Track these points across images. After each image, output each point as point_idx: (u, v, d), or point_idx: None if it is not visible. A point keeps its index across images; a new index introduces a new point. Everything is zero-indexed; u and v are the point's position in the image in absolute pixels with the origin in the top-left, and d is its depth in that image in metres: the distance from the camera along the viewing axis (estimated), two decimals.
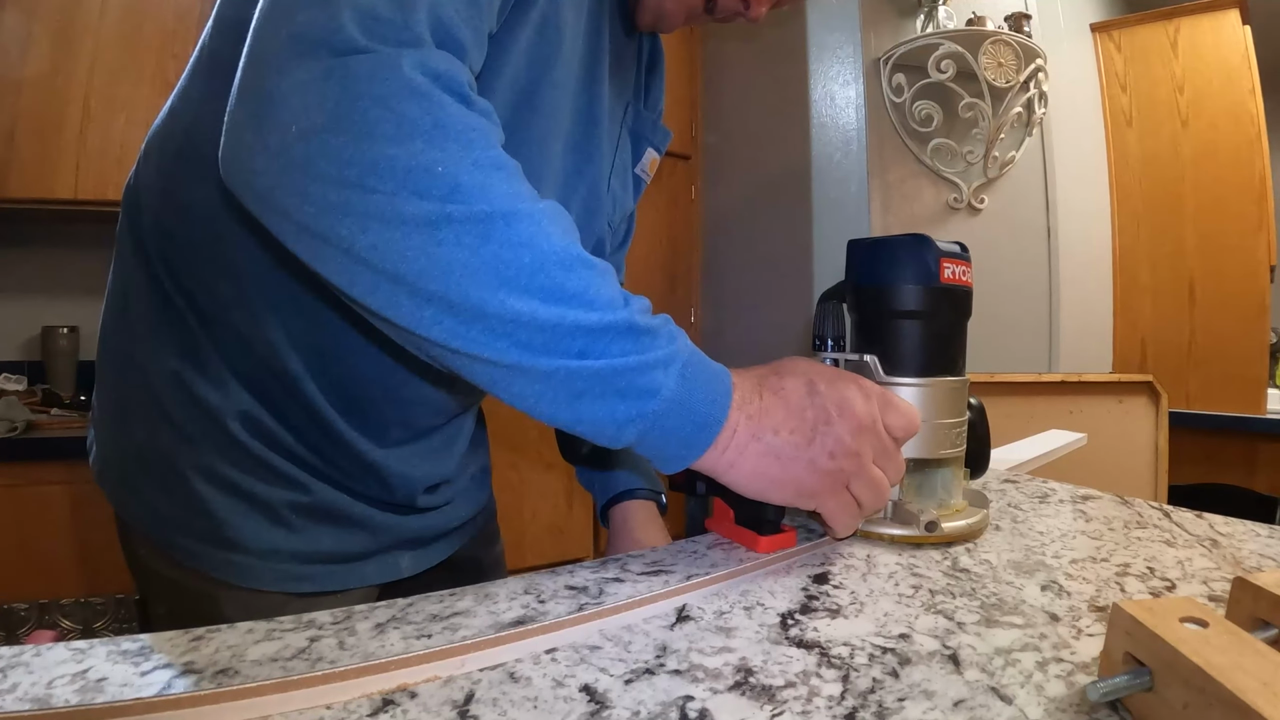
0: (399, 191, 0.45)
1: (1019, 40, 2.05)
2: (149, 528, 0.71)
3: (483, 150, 0.48)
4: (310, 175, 0.45)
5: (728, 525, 0.66)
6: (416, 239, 0.45)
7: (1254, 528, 0.75)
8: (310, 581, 0.72)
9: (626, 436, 0.51)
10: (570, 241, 0.49)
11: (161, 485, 0.69)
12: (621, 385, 0.49)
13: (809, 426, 0.56)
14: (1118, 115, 2.75)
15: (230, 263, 0.67)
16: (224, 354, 0.69)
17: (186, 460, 0.68)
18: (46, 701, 0.36)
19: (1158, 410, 2.29)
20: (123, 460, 0.73)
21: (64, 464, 1.67)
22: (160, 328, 0.70)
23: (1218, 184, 2.56)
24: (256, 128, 0.46)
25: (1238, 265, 2.53)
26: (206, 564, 0.68)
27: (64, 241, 2.26)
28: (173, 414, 0.69)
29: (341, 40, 0.45)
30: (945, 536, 0.66)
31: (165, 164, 0.70)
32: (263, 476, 0.69)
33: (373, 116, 0.45)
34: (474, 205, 0.46)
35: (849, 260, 0.70)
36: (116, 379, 0.74)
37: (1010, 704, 0.39)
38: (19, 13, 1.86)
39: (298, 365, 0.68)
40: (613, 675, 0.42)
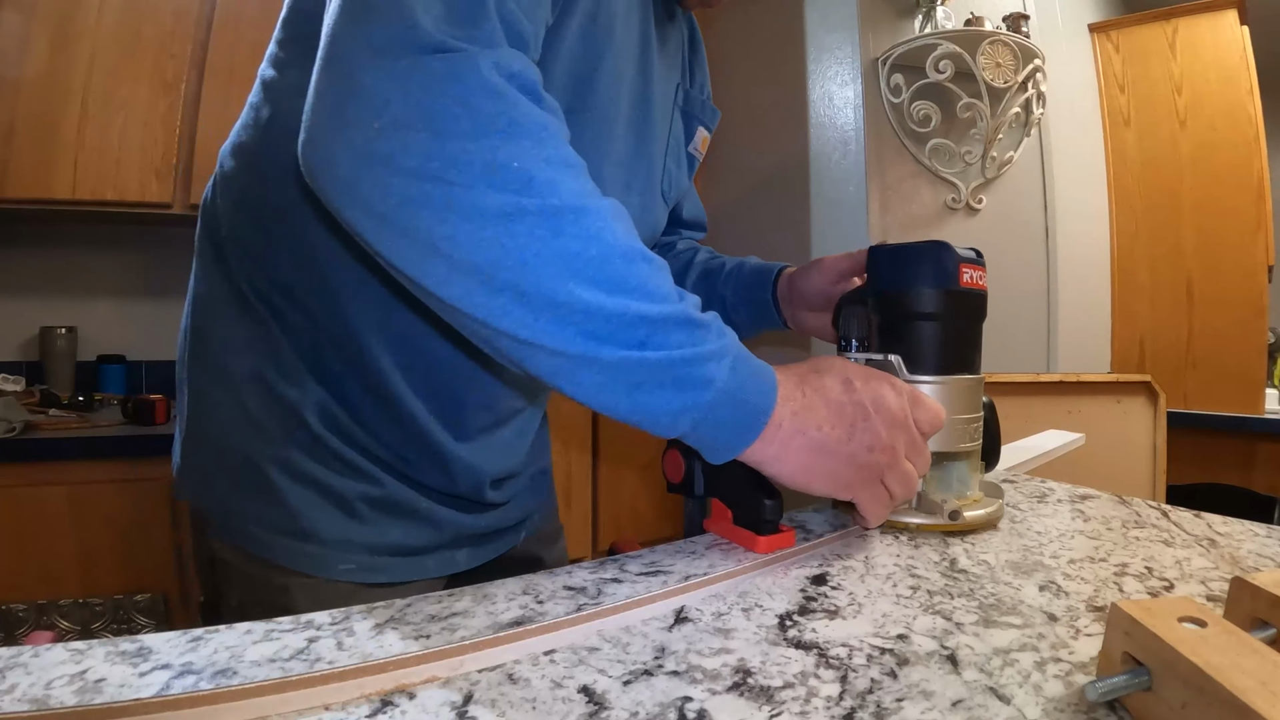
0: (476, 185, 0.47)
1: (1017, 41, 2.05)
2: (225, 520, 0.74)
3: (554, 148, 0.50)
4: (391, 169, 0.47)
5: (726, 526, 0.66)
6: (491, 230, 0.47)
7: (1252, 527, 0.75)
8: (377, 572, 0.75)
9: (681, 425, 0.53)
10: (632, 237, 0.52)
11: (239, 479, 0.72)
12: (678, 375, 0.51)
13: (848, 422, 0.59)
14: (1116, 115, 2.75)
15: (315, 263, 0.70)
16: (302, 354, 0.72)
17: (265, 455, 0.72)
18: (45, 702, 0.36)
19: (1156, 410, 2.29)
20: (202, 456, 0.76)
21: (62, 464, 1.67)
22: (241, 331, 0.74)
23: (1216, 184, 2.56)
24: (339, 123, 0.48)
25: (1236, 265, 2.53)
26: (280, 555, 0.71)
27: (62, 242, 2.26)
28: (252, 410, 0.72)
29: (421, 40, 0.47)
30: (967, 524, 0.70)
31: (242, 175, 0.75)
32: (337, 470, 0.73)
33: (452, 114, 0.47)
34: (546, 199, 0.48)
35: (870, 265, 0.75)
36: (197, 380, 0.77)
37: (1008, 704, 0.39)
38: (17, 13, 1.86)
39: (383, 360, 0.72)
40: (611, 676, 0.42)
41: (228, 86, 2.05)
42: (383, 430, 0.74)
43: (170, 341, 2.44)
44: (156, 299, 2.39)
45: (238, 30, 2.06)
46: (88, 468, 1.69)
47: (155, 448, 1.77)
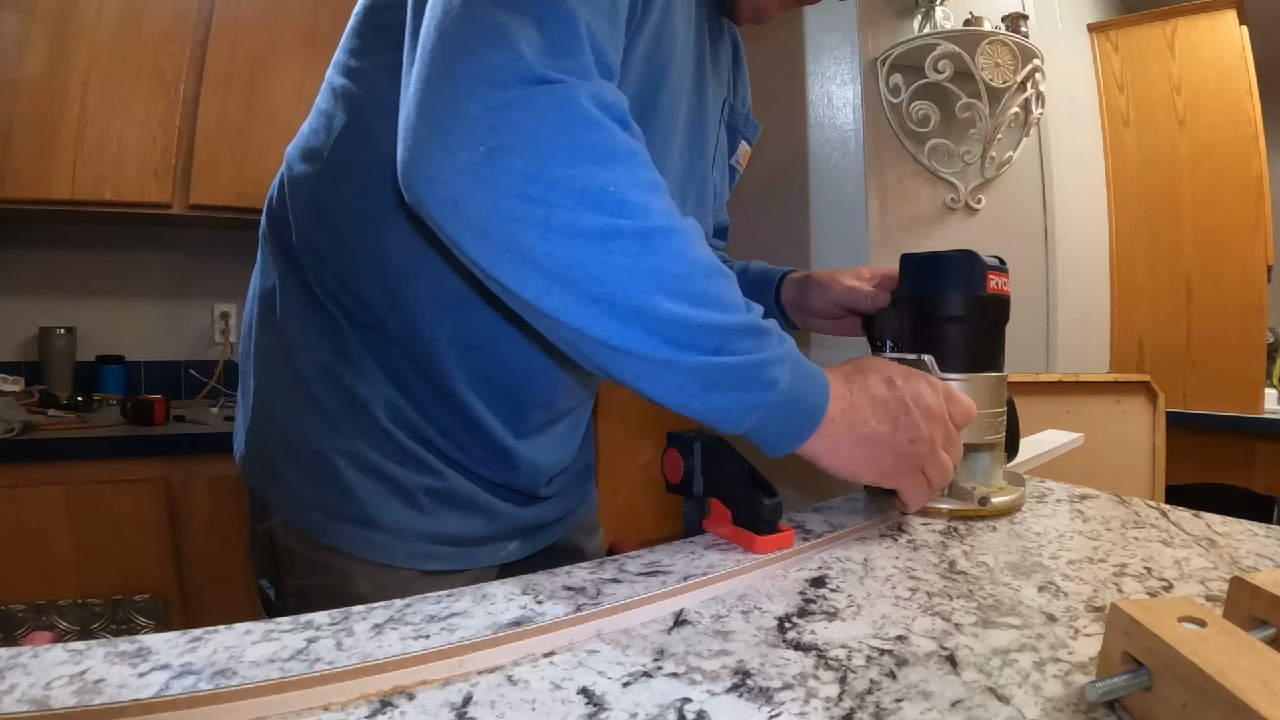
0: (576, 207, 0.51)
1: (1016, 41, 2.05)
2: (291, 508, 0.77)
3: (644, 173, 0.55)
4: (498, 189, 0.51)
5: (725, 526, 0.66)
6: (589, 248, 0.52)
7: (1251, 527, 0.75)
8: (436, 560, 0.78)
9: (747, 423, 0.58)
10: (709, 253, 0.57)
11: (306, 468, 0.76)
12: (748, 378, 0.56)
13: (892, 417, 0.65)
14: (1115, 115, 2.76)
15: (388, 270, 0.74)
16: (372, 351, 0.76)
17: (332, 445, 0.75)
18: (44, 703, 0.36)
19: (1155, 410, 2.29)
20: (267, 446, 0.79)
21: (61, 465, 1.67)
22: (311, 328, 0.77)
23: (1215, 184, 2.56)
24: (444, 146, 0.52)
25: (1235, 265, 2.53)
26: (345, 541, 0.75)
27: (61, 242, 2.26)
28: (322, 403, 0.76)
29: (526, 72, 0.51)
30: (995, 509, 0.77)
31: (315, 180, 0.77)
32: (402, 462, 0.76)
33: (554, 141, 0.51)
34: (639, 221, 0.52)
35: (903, 272, 0.81)
36: (265, 373, 0.81)
37: (1008, 704, 0.39)
38: (15, 13, 1.85)
39: (450, 364, 0.76)
40: (610, 678, 0.42)
41: (226, 87, 2.05)
42: (447, 426, 0.78)
43: (168, 341, 2.43)
44: (155, 299, 2.39)
45: (236, 30, 2.06)
46: (87, 468, 1.69)
47: (154, 448, 1.77)
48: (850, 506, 0.79)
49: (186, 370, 2.42)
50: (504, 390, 0.79)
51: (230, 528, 1.84)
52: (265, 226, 0.84)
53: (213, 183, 2.03)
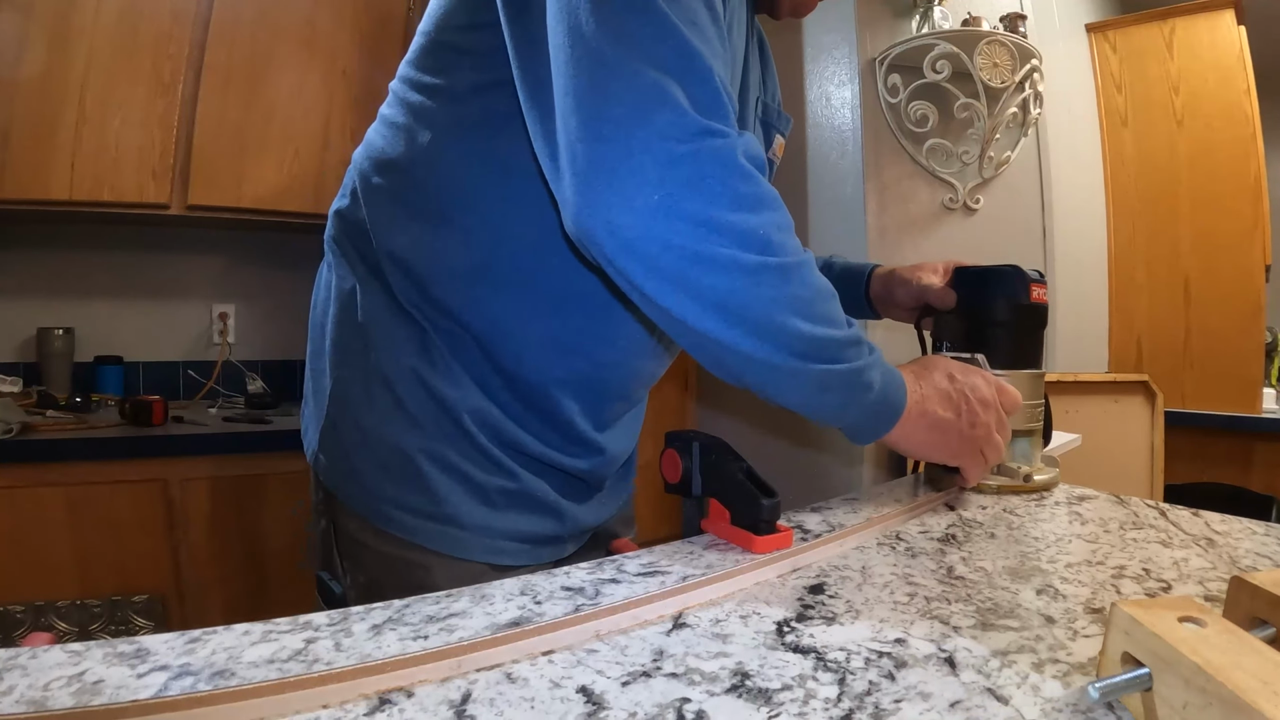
0: (734, 247, 0.60)
1: (1014, 41, 2.05)
2: (367, 505, 0.81)
3: (782, 216, 0.65)
4: (672, 230, 0.59)
5: (724, 526, 0.66)
6: (744, 281, 0.61)
7: (1250, 525, 0.75)
8: (507, 556, 0.83)
9: (846, 418, 0.71)
10: (824, 279, 0.68)
11: (387, 466, 0.80)
12: (852, 382, 0.68)
13: (955, 406, 0.77)
14: (1113, 115, 2.76)
15: (479, 279, 0.79)
16: (457, 355, 0.81)
17: (416, 445, 0.79)
18: (43, 704, 0.36)
19: (1153, 410, 2.29)
20: (345, 444, 0.83)
21: (60, 466, 1.67)
22: (397, 332, 0.81)
23: (1213, 184, 2.56)
24: (622, 194, 0.59)
25: (1233, 265, 2.53)
26: (425, 537, 0.79)
27: (59, 242, 2.25)
28: (406, 405, 0.80)
29: (694, 128, 0.59)
30: (1036, 486, 0.90)
31: (398, 193, 0.82)
32: (481, 464, 0.81)
33: (717, 192, 0.60)
34: (781, 258, 0.63)
35: (957, 283, 0.96)
36: (345, 372, 0.84)
37: (1007, 704, 0.39)
38: (13, 13, 1.85)
39: (542, 368, 0.82)
40: (610, 677, 0.42)
41: (225, 87, 2.04)
42: (533, 426, 0.84)
43: (167, 342, 2.43)
44: (154, 300, 2.39)
45: (235, 31, 2.06)
46: (85, 469, 1.69)
47: (153, 449, 1.77)
48: (848, 506, 0.79)
49: (185, 371, 2.41)
50: (591, 390, 0.86)
51: (229, 528, 1.84)
52: (337, 232, 0.88)
53: (211, 183, 2.03)
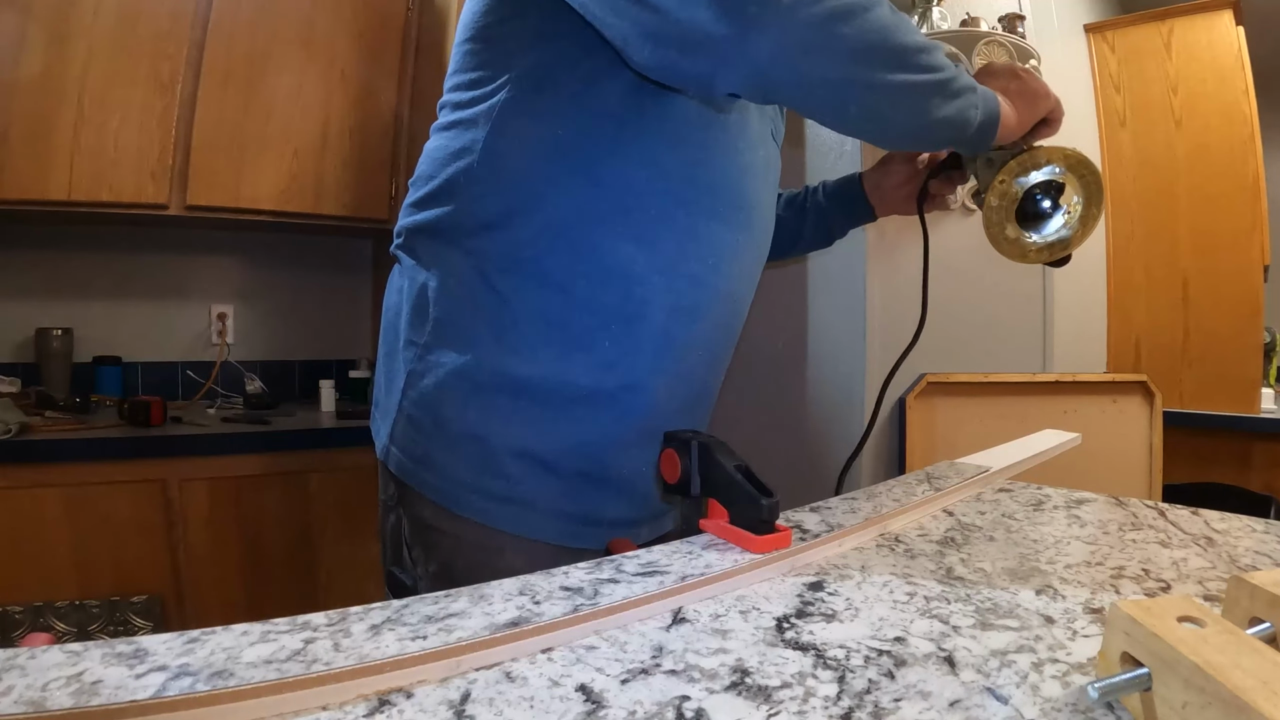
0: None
1: (1013, 41, 2.05)
2: (441, 491, 0.84)
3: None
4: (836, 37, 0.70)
5: (722, 526, 0.66)
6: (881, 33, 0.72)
7: (1250, 523, 0.75)
8: (582, 539, 0.86)
9: (974, 118, 0.80)
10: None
11: (463, 454, 0.83)
12: (965, 86, 0.79)
13: (1028, 83, 0.90)
14: (1112, 116, 2.76)
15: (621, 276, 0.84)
16: (535, 329, 0.83)
17: (490, 429, 0.83)
18: (41, 704, 0.36)
19: (1152, 410, 2.29)
20: (419, 435, 0.86)
21: (59, 466, 1.67)
22: (473, 322, 0.84)
23: (1211, 184, 2.57)
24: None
25: (1232, 265, 2.53)
26: (498, 519, 0.83)
27: (58, 243, 2.25)
28: (482, 391, 0.83)
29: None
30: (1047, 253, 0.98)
31: (483, 164, 0.84)
32: (554, 445, 0.84)
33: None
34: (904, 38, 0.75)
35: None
36: (417, 368, 0.86)
37: (1006, 704, 0.39)
38: (12, 13, 1.85)
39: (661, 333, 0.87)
40: (609, 675, 0.42)
41: (224, 87, 2.04)
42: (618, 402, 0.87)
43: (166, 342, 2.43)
44: (152, 300, 2.39)
45: (234, 31, 2.06)
46: (84, 469, 1.69)
47: (151, 449, 1.77)
48: (847, 506, 0.79)
49: (184, 371, 2.41)
50: (682, 381, 0.91)
51: (227, 529, 1.84)
52: (407, 239, 0.91)
53: (210, 184, 2.03)
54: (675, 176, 0.85)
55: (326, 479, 1.97)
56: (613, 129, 0.82)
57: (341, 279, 2.68)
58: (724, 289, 0.92)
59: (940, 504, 0.85)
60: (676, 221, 0.85)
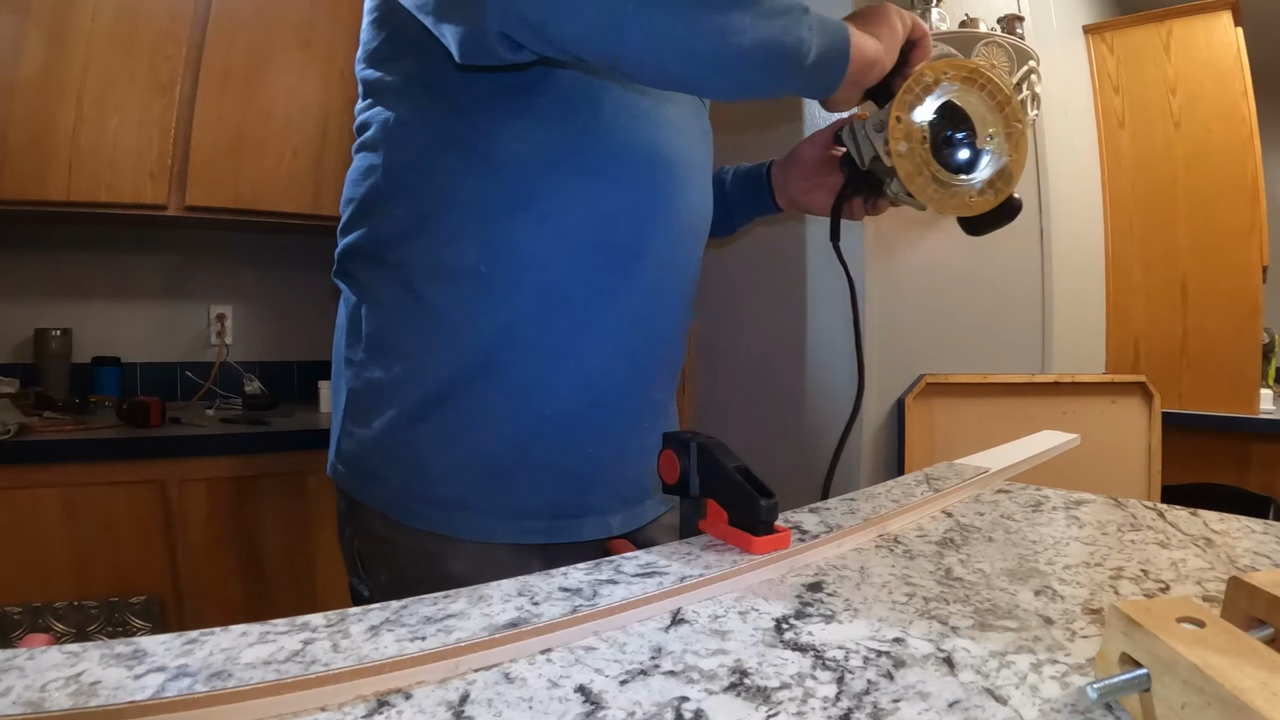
0: None
1: (1012, 42, 2.05)
2: (387, 502, 0.84)
3: None
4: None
5: (721, 527, 0.66)
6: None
7: (1249, 524, 0.75)
8: (530, 534, 0.84)
9: (808, 40, 0.70)
10: None
11: (400, 461, 0.83)
12: (791, 5, 0.70)
13: (874, 9, 0.80)
14: (1110, 117, 2.76)
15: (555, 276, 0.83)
16: (455, 324, 0.82)
17: (425, 437, 0.82)
18: (40, 705, 0.36)
19: (1151, 410, 2.29)
20: (359, 450, 0.86)
21: (57, 467, 1.67)
22: (399, 333, 0.84)
23: (1210, 185, 2.57)
24: None
25: (1230, 266, 2.53)
26: (442, 525, 0.82)
27: (57, 243, 2.25)
28: (411, 399, 0.83)
29: None
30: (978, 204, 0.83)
31: (385, 200, 0.86)
32: (486, 440, 0.83)
33: None
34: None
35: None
36: (355, 386, 0.87)
37: (1005, 704, 0.39)
38: (11, 13, 1.85)
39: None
40: (608, 676, 0.42)
41: (223, 88, 2.04)
42: (536, 377, 0.84)
43: (164, 343, 2.43)
44: (151, 301, 2.39)
45: (233, 32, 2.06)
46: (83, 470, 1.68)
47: (150, 450, 1.77)
48: (846, 507, 0.79)
49: (182, 372, 2.41)
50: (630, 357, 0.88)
51: (226, 529, 1.84)
52: (341, 265, 0.92)
53: (209, 184, 2.03)
54: (570, 146, 0.82)
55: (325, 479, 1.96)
56: (496, 113, 0.81)
57: None
58: (652, 253, 0.88)
59: (939, 505, 0.85)
60: (582, 192, 0.83)
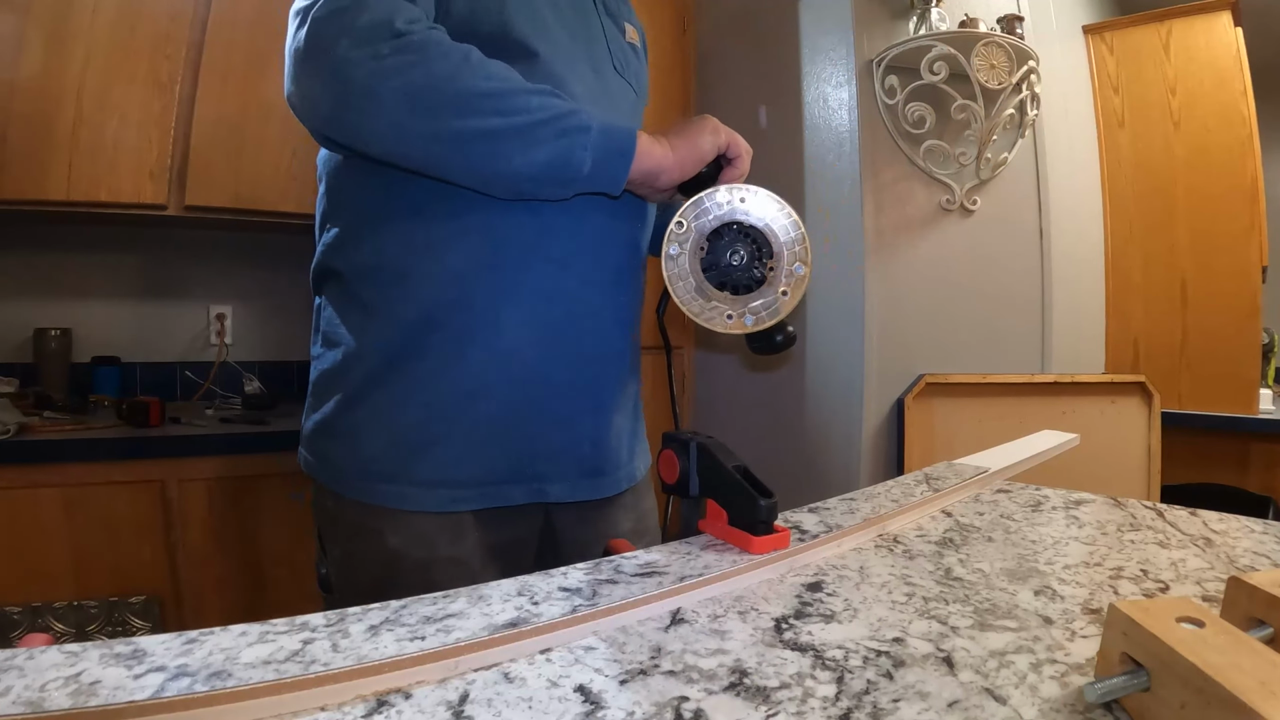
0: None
1: (1011, 42, 2.05)
2: (333, 479, 0.89)
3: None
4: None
5: (721, 527, 0.66)
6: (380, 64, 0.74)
7: (1248, 524, 0.75)
8: (461, 501, 0.87)
9: (583, 159, 0.78)
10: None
11: (340, 438, 0.89)
12: (572, 127, 0.77)
13: (692, 124, 0.86)
14: (1110, 117, 2.76)
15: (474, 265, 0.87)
16: (382, 310, 0.88)
17: (360, 415, 0.88)
18: (40, 705, 0.36)
19: (1150, 411, 2.29)
20: (313, 435, 0.93)
21: (57, 467, 1.66)
22: (344, 323, 0.91)
23: (1210, 185, 2.57)
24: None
25: (1229, 266, 2.53)
26: (376, 497, 0.86)
27: (56, 243, 2.25)
28: (350, 380, 0.89)
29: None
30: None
31: (330, 219, 0.94)
32: (409, 411, 0.87)
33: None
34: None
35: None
36: (316, 380, 0.94)
37: (1005, 704, 0.39)
38: (10, 13, 1.85)
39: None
40: (608, 676, 0.42)
41: (223, 88, 2.04)
42: (451, 353, 0.88)
43: (164, 342, 2.43)
44: (151, 300, 2.38)
45: (233, 31, 2.06)
46: (82, 470, 1.68)
47: (150, 450, 1.77)
48: (845, 507, 0.79)
49: (182, 372, 2.41)
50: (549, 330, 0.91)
51: (226, 529, 1.84)
52: (313, 274, 0.97)
53: (208, 184, 2.03)
54: None
55: None
56: None
57: None
58: (562, 229, 0.89)
59: (939, 505, 0.85)
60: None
